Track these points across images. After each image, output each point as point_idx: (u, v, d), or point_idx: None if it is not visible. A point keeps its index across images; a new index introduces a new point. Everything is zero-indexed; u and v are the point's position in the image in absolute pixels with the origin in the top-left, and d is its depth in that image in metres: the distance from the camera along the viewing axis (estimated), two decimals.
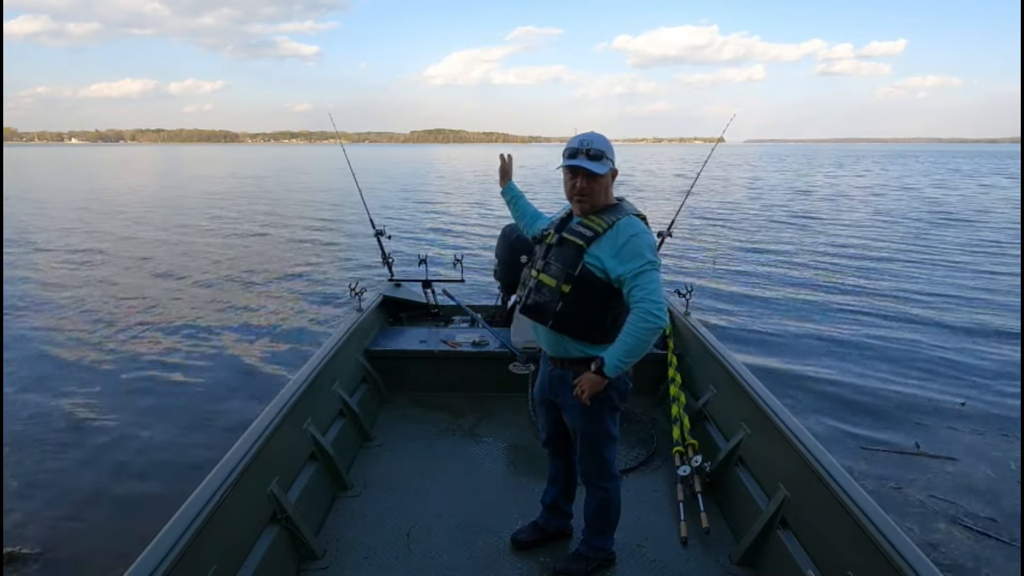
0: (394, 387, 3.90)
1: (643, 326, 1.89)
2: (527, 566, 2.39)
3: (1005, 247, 12.57)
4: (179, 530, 1.77)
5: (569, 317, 2.04)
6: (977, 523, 3.47)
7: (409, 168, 48.25)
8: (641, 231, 1.97)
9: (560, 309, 2.03)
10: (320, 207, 20.56)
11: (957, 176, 37.87)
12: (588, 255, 1.99)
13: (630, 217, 2.01)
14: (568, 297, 2.01)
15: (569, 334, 2.07)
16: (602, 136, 2.02)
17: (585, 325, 2.05)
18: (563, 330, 2.06)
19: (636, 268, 1.91)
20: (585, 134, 2.03)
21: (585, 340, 2.07)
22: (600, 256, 1.97)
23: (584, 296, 2.01)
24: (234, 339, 6.76)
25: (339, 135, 6.04)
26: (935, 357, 6.14)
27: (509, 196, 2.56)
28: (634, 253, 1.92)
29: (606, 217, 2.01)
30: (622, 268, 1.93)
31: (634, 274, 1.91)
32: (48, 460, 4.17)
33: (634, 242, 1.93)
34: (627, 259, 1.93)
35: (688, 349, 3.71)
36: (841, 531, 1.97)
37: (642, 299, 1.89)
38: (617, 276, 1.95)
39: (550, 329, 2.08)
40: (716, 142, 5.09)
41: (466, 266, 4.71)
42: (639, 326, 1.89)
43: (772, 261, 11.15)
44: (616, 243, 1.95)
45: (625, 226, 1.97)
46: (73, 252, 12.11)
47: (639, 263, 1.91)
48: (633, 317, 1.91)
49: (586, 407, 2.07)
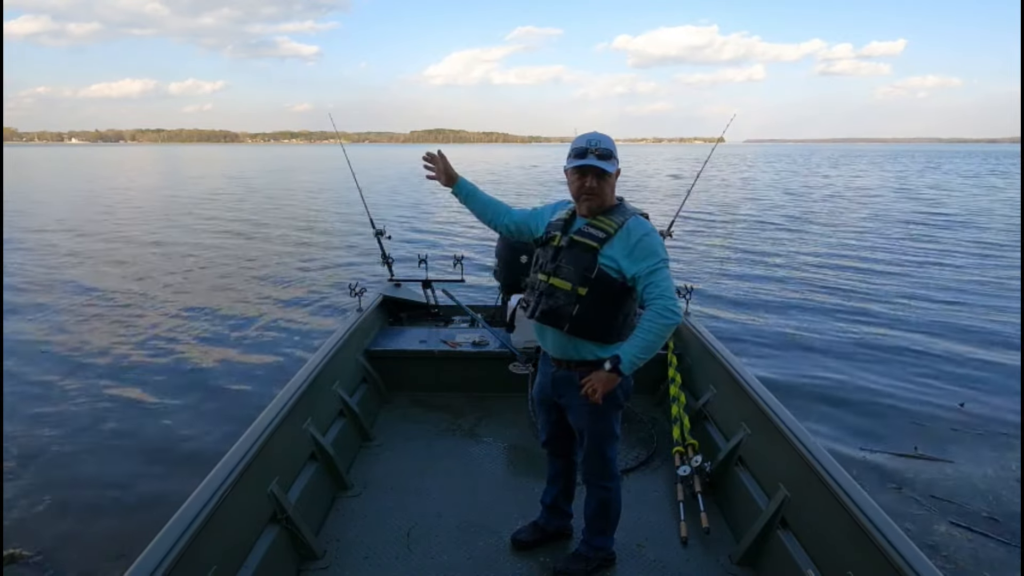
0: (394, 387, 3.91)
1: (662, 322, 1.92)
2: (527, 566, 2.39)
3: (1004, 248, 12.57)
4: (179, 530, 1.77)
5: (587, 320, 2.03)
6: (976, 523, 3.47)
7: (409, 168, 48.24)
8: (651, 230, 2.01)
9: (577, 312, 2.02)
10: (320, 207, 20.56)
11: (953, 176, 37.89)
12: (602, 256, 1.99)
13: (637, 216, 2.03)
14: (585, 300, 2.01)
15: (586, 337, 2.06)
16: (607, 136, 2.03)
17: (602, 327, 2.05)
18: (580, 333, 2.05)
19: (651, 266, 1.94)
20: (591, 134, 2.03)
21: (600, 341, 2.07)
22: (614, 256, 1.98)
23: (601, 298, 2.01)
24: (234, 339, 6.76)
25: (339, 135, 6.04)
26: (932, 358, 6.14)
27: (463, 194, 2.31)
28: (648, 252, 1.96)
29: (615, 217, 2.02)
30: (636, 267, 1.96)
31: (648, 272, 1.94)
32: (48, 460, 4.17)
33: (646, 241, 1.97)
34: (641, 258, 1.96)
35: (688, 349, 3.72)
36: (841, 531, 1.97)
37: (659, 296, 1.93)
38: (632, 275, 1.97)
39: (566, 333, 2.05)
40: (716, 142, 5.09)
41: (466, 266, 4.71)
42: (658, 322, 1.92)
43: (771, 261, 11.15)
44: (628, 243, 1.97)
45: (635, 226, 1.99)
46: (73, 252, 12.11)
47: (653, 261, 1.95)
48: (651, 314, 1.94)
49: (594, 406, 2.08)
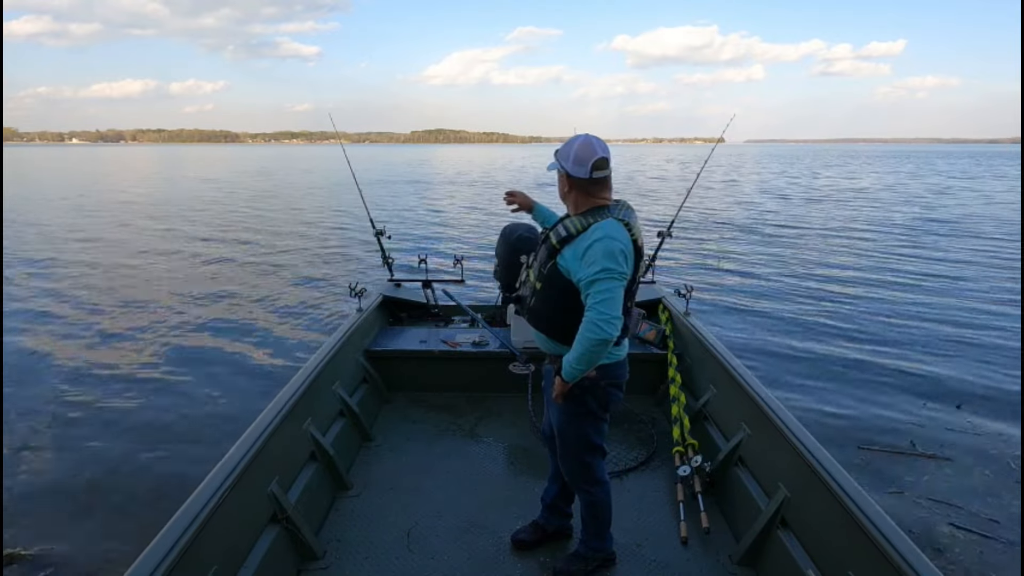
0: (394, 387, 3.91)
1: (588, 335, 1.87)
2: (527, 566, 2.39)
3: (1003, 247, 12.57)
4: (179, 530, 1.77)
5: (539, 313, 2.12)
6: (975, 523, 3.47)
7: (408, 168, 48.28)
8: (606, 236, 1.89)
9: (533, 304, 2.13)
10: (320, 207, 20.55)
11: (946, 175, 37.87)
12: (560, 256, 2.00)
13: (607, 221, 1.93)
14: (540, 294, 2.08)
15: (539, 329, 2.15)
16: (578, 138, 2.00)
17: (552, 322, 2.09)
18: (535, 324, 2.15)
19: (591, 275, 1.88)
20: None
21: (554, 338, 2.10)
22: (568, 258, 1.97)
23: (550, 294, 2.05)
24: (234, 339, 6.76)
25: (339, 135, 6.04)
26: (929, 358, 6.13)
27: (540, 219, 2.44)
28: (592, 259, 1.88)
29: (584, 219, 1.97)
30: (581, 273, 1.92)
31: (589, 281, 1.89)
32: (48, 461, 4.17)
33: (595, 248, 1.88)
34: (586, 264, 1.90)
35: (688, 349, 3.71)
36: (841, 531, 1.97)
37: (591, 307, 1.88)
38: (577, 280, 1.94)
39: (528, 321, 2.18)
40: (716, 142, 5.08)
41: (466, 266, 4.71)
42: (585, 335, 1.89)
43: (769, 262, 11.15)
44: (582, 247, 1.92)
45: (594, 231, 1.92)
46: (71, 253, 12.11)
47: (594, 270, 1.87)
48: (583, 325, 1.90)
49: (562, 407, 2.13)
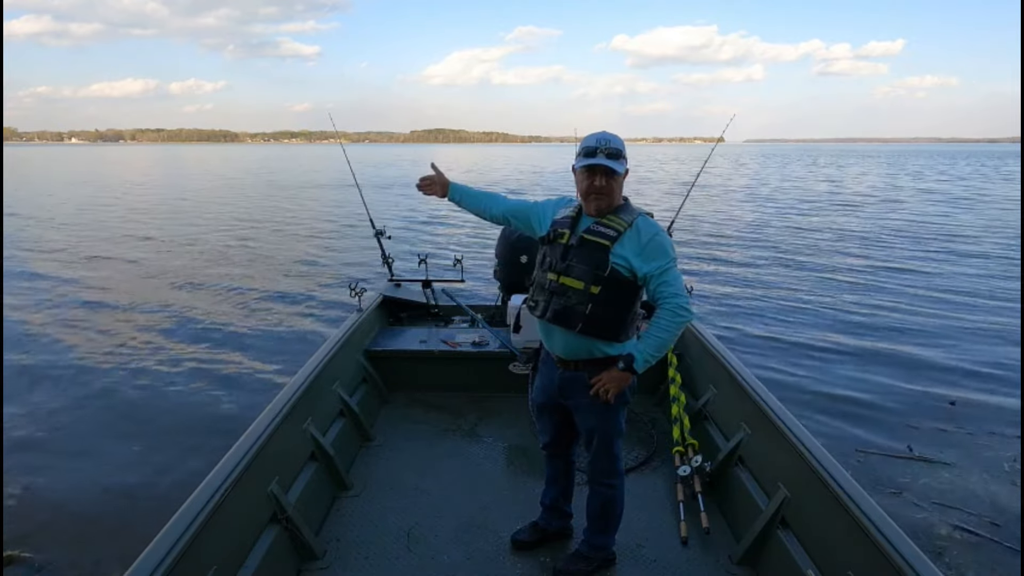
0: (394, 387, 3.91)
1: (676, 320, 1.96)
2: (527, 566, 2.39)
3: (1003, 247, 12.57)
4: (179, 530, 1.77)
5: (598, 319, 2.02)
6: (973, 524, 3.47)
7: (407, 168, 48.24)
8: (661, 229, 2.02)
9: (590, 311, 2.01)
10: (320, 207, 20.55)
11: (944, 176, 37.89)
12: (613, 255, 1.99)
13: (644, 216, 2.05)
14: (597, 298, 2.00)
15: (597, 336, 2.05)
16: (617, 136, 2.02)
17: (614, 325, 2.05)
18: (592, 332, 2.03)
19: (662, 266, 1.96)
20: (600, 133, 2.02)
21: (611, 340, 2.06)
22: (625, 255, 1.98)
23: (613, 296, 2.01)
24: (234, 339, 6.76)
25: (339, 135, 6.04)
26: (927, 358, 6.13)
27: (457, 197, 2.38)
28: (659, 251, 1.97)
29: (623, 216, 2.03)
30: (648, 267, 1.97)
31: (661, 271, 1.96)
32: (48, 461, 4.16)
33: (657, 240, 1.98)
34: (652, 257, 1.97)
35: (688, 349, 3.71)
36: (841, 531, 1.97)
37: (672, 295, 1.96)
38: (644, 274, 1.98)
39: (578, 333, 2.04)
40: (716, 142, 5.08)
41: (466, 266, 4.71)
42: (672, 321, 1.95)
43: (768, 262, 11.15)
44: (640, 242, 1.98)
45: (645, 225, 2.01)
46: (72, 252, 12.11)
47: (665, 261, 1.97)
48: (665, 313, 1.96)
49: (604, 406, 2.09)
